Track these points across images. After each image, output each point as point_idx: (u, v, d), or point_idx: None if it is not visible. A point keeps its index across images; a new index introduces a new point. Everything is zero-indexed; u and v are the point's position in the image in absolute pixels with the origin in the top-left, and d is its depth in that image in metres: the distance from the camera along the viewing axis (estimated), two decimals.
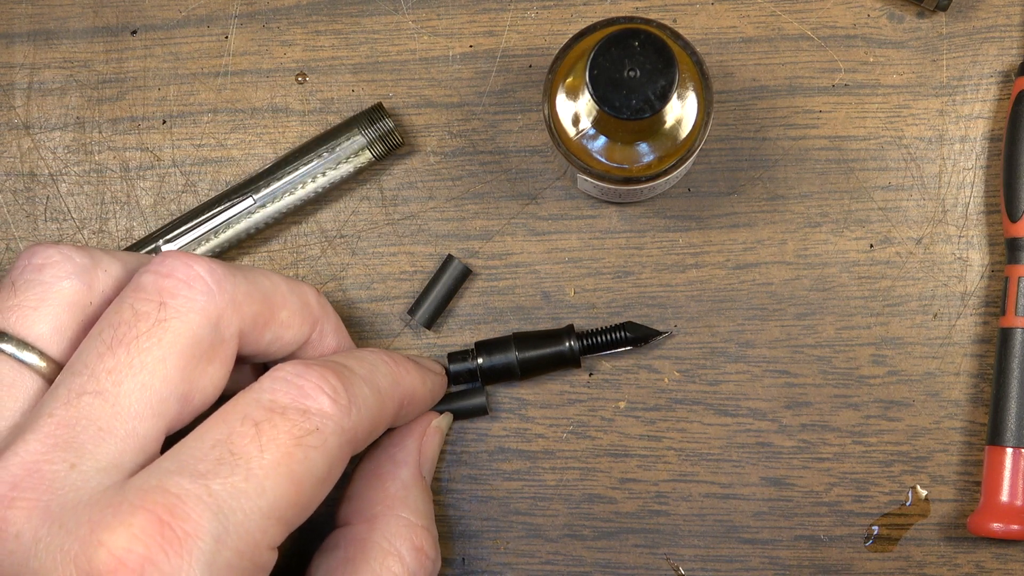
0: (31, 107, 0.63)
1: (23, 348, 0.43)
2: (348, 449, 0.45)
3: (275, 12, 0.62)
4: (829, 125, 0.61)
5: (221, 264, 0.45)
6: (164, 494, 0.39)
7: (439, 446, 0.56)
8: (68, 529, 0.38)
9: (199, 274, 0.44)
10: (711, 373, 0.61)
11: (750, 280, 0.61)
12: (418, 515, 0.51)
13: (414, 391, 0.52)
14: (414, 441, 0.54)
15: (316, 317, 0.50)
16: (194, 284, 0.43)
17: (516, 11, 0.61)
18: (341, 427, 0.44)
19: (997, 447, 0.58)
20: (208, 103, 0.62)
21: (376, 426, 0.48)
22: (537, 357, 0.59)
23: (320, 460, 0.42)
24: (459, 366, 0.60)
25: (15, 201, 0.63)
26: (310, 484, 0.42)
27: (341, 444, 0.44)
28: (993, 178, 0.60)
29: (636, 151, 0.53)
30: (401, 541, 0.50)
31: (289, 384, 0.44)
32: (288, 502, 0.41)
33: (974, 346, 0.60)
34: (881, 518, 0.60)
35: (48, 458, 0.39)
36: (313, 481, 0.42)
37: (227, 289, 0.44)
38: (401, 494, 0.52)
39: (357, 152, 0.60)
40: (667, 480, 0.61)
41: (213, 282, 0.44)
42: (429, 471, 0.55)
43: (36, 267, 0.44)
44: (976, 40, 0.61)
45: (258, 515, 0.40)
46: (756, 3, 0.61)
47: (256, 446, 0.41)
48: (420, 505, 0.52)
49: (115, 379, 0.41)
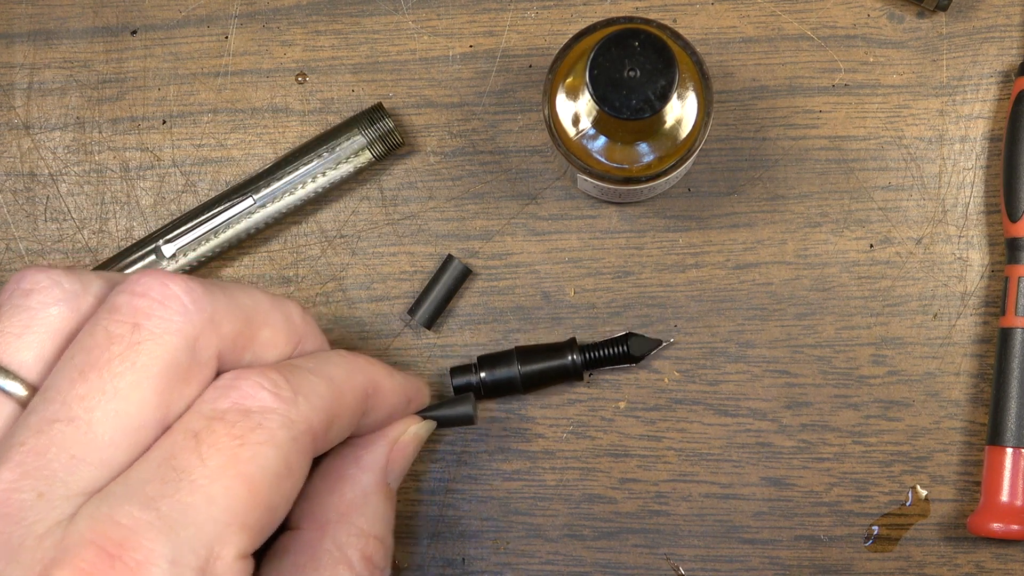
0: (31, 107, 0.63)
1: (4, 375, 0.42)
2: (306, 441, 0.42)
3: (275, 12, 0.62)
4: (829, 125, 0.61)
5: (199, 281, 0.43)
6: (113, 526, 0.37)
7: (413, 455, 0.53)
8: (23, 564, 0.37)
9: (175, 293, 0.42)
10: (711, 373, 0.61)
11: (750, 280, 0.61)
12: (374, 524, 0.49)
13: (378, 382, 0.48)
14: (383, 446, 0.51)
15: (299, 335, 0.47)
16: (170, 304, 0.41)
17: (516, 11, 0.61)
18: (288, 419, 0.42)
19: (997, 447, 0.58)
20: (208, 103, 0.62)
21: (335, 416, 0.45)
22: (540, 371, 0.59)
23: (272, 455, 0.40)
24: (461, 380, 0.60)
25: (15, 201, 0.63)
26: (266, 482, 0.40)
27: (294, 436, 0.42)
28: (993, 178, 0.60)
29: (636, 151, 0.53)
30: (353, 550, 0.47)
31: (228, 389, 0.42)
32: (245, 505, 0.39)
33: (974, 346, 0.60)
34: (881, 518, 0.60)
35: (16, 487, 0.38)
36: (269, 478, 0.40)
37: (205, 308, 0.42)
38: (359, 501, 0.49)
39: (357, 152, 0.60)
40: (667, 480, 0.61)
41: (190, 301, 0.42)
42: (396, 479, 0.52)
43: (24, 292, 0.43)
44: (976, 40, 0.61)
45: (212, 525, 0.38)
46: (756, 3, 0.61)
47: (197, 457, 0.39)
48: (378, 514, 0.49)
49: (87, 406, 0.40)
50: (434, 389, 0.61)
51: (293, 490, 0.42)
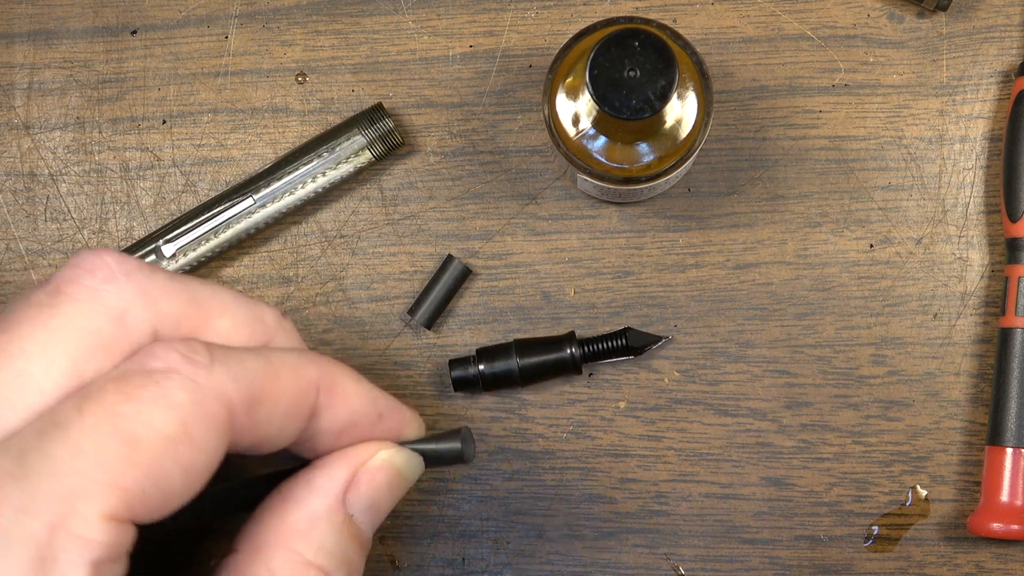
0: (31, 107, 0.63)
1: None
2: (215, 410, 0.38)
3: (275, 12, 0.62)
4: (829, 125, 0.61)
5: (139, 260, 0.41)
6: None
7: (388, 488, 0.44)
8: None
9: (106, 263, 0.39)
10: (711, 373, 0.61)
11: (750, 280, 0.61)
12: (319, 555, 0.41)
13: (335, 380, 0.42)
14: (343, 469, 0.43)
15: (269, 335, 0.43)
16: (97, 272, 0.39)
17: (516, 11, 0.61)
18: (195, 382, 0.38)
19: (997, 447, 0.58)
20: (208, 103, 0.62)
21: (264, 395, 0.40)
22: (538, 364, 0.59)
23: (162, 415, 0.37)
24: (460, 373, 0.60)
25: (15, 201, 0.63)
26: (150, 442, 0.36)
27: (197, 401, 0.38)
28: (993, 178, 0.60)
29: (636, 151, 0.53)
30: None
31: (142, 353, 0.39)
32: (120, 462, 0.36)
33: (974, 346, 0.60)
34: (881, 518, 0.60)
35: None
36: (155, 438, 0.36)
37: (137, 280, 0.40)
38: (303, 525, 0.42)
39: (357, 152, 0.60)
40: (667, 480, 0.61)
41: (121, 272, 0.39)
42: (364, 512, 0.43)
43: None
44: (976, 40, 0.61)
45: (76, 478, 0.35)
46: (756, 3, 0.61)
47: (77, 412, 0.37)
48: (327, 545, 0.42)
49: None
50: (429, 406, 0.61)
51: (195, 463, 0.38)
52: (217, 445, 0.39)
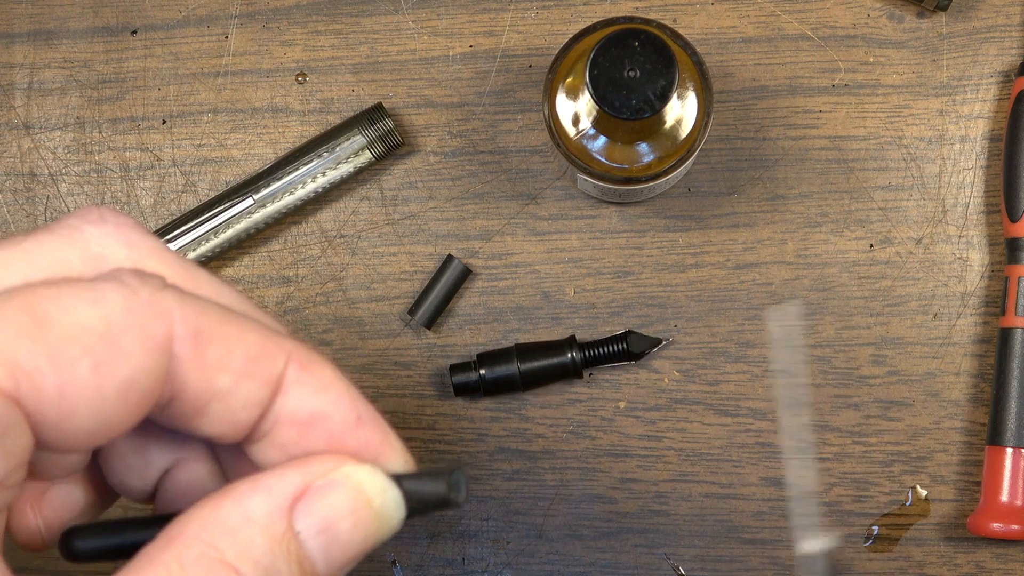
0: (31, 107, 0.63)
1: None
2: (152, 324, 0.34)
3: (275, 12, 0.62)
4: (829, 125, 0.61)
5: (141, 225, 0.37)
6: None
7: (350, 513, 0.35)
8: None
9: (101, 212, 0.36)
10: (711, 373, 0.61)
11: (750, 280, 0.61)
12: (242, 561, 0.34)
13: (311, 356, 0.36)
14: (298, 475, 0.35)
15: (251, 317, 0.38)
16: (88, 216, 0.36)
17: (516, 11, 0.61)
18: (134, 292, 0.34)
19: (997, 447, 0.58)
20: (208, 103, 0.62)
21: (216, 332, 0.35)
22: (539, 368, 0.59)
23: (85, 307, 0.33)
24: (461, 378, 0.60)
25: (15, 201, 0.63)
26: (61, 325, 0.32)
27: (131, 308, 0.33)
28: (993, 178, 0.60)
29: (636, 151, 0.53)
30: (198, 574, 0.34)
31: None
32: (17, 331, 0.32)
33: (974, 346, 0.60)
34: (881, 518, 0.60)
35: None
36: (68, 323, 0.32)
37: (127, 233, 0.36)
38: (232, 524, 0.35)
39: (357, 152, 0.60)
40: (667, 480, 0.61)
41: (113, 222, 0.36)
42: (315, 536, 0.35)
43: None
44: (976, 40, 0.61)
45: None
46: (756, 3, 0.61)
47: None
48: (254, 553, 0.34)
49: None
50: (429, 406, 0.61)
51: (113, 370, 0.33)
52: (147, 364, 0.33)
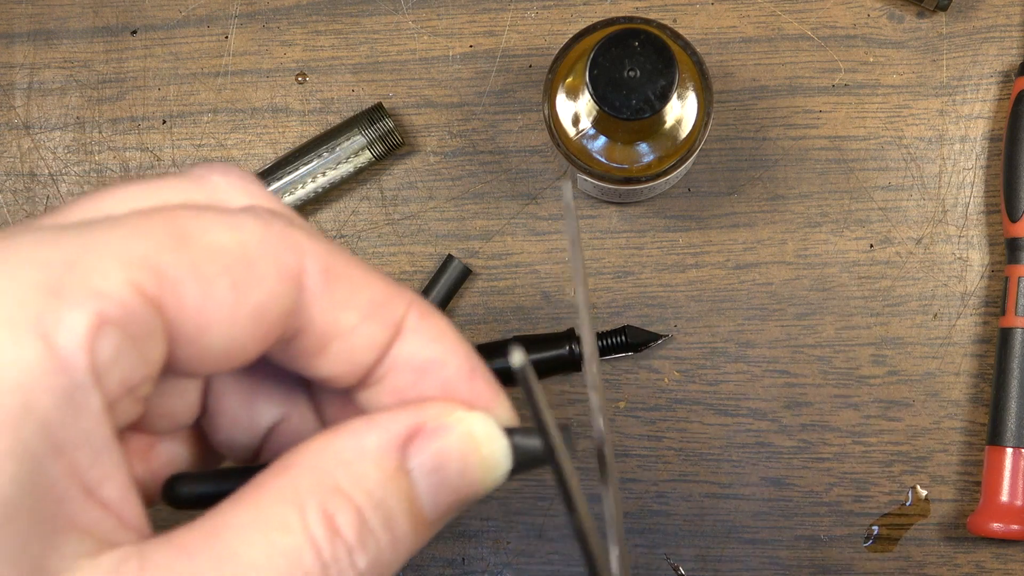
0: (31, 107, 0.63)
1: None
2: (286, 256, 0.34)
3: (275, 12, 0.62)
4: (829, 125, 0.61)
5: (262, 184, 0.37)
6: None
7: (460, 459, 0.36)
8: None
9: (228, 166, 0.36)
10: (711, 373, 0.61)
11: (750, 280, 0.61)
12: (356, 491, 0.34)
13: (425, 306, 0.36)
14: (412, 416, 0.35)
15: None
16: (215, 167, 0.36)
17: (516, 11, 0.61)
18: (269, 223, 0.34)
19: (997, 447, 0.58)
20: (208, 103, 0.62)
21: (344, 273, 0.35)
22: (538, 361, 0.59)
23: (224, 230, 0.33)
24: None
25: (15, 201, 0.63)
26: (201, 243, 0.32)
27: (267, 237, 0.33)
28: (993, 178, 0.60)
29: (636, 151, 0.53)
30: (311, 499, 0.33)
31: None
32: (159, 244, 0.32)
33: (974, 346, 0.60)
34: (881, 518, 0.60)
35: None
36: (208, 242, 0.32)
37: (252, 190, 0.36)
38: (346, 456, 0.34)
39: (357, 152, 0.60)
40: (667, 480, 0.61)
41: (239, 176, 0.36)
42: (426, 475, 0.35)
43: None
44: (976, 40, 0.61)
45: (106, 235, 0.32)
46: (756, 3, 0.61)
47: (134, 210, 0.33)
48: (368, 484, 0.34)
49: None
50: None
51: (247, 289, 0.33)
52: (279, 290, 0.33)
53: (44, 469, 0.30)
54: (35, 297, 0.30)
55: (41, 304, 0.30)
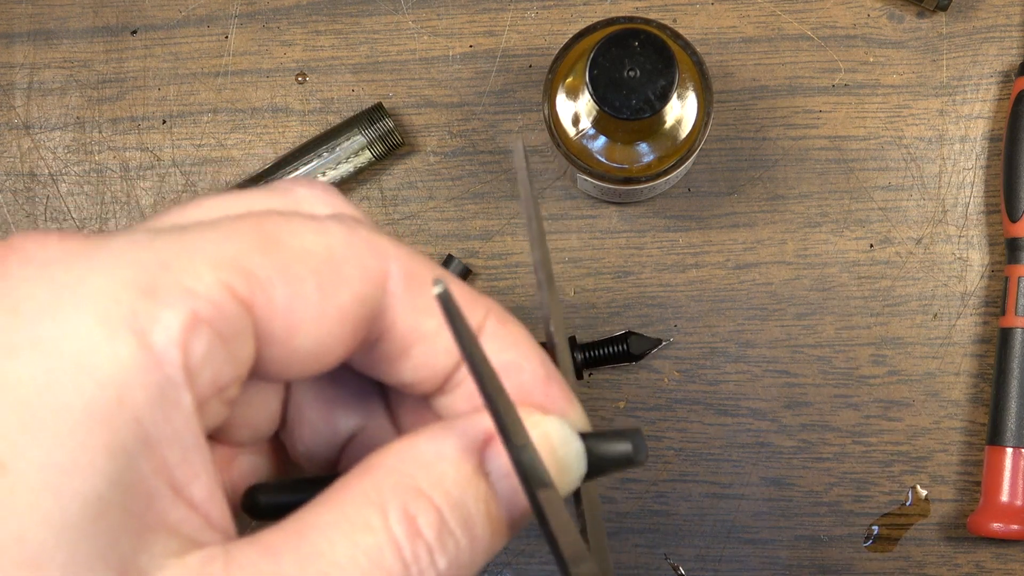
0: (31, 107, 0.63)
1: None
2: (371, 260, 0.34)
3: (275, 12, 0.62)
4: (829, 125, 0.61)
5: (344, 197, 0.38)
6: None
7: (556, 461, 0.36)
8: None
9: (313, 181, 0.37)
10: (711, 373, 0.61)
11: (750, 280, 0.61)
12: (437, 492, 0.34)
13: (502, 313, 0.37)
14: (485, 421, 0.36)
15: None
16: (300, 180, 0.37)
17: (516, 11, 0.61)
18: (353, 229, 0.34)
19: (997, 447, 0.58)
20: (208, 103, 0.62)
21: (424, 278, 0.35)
22: None
23: (311, 234, 0.34)
24: None
25: (15, 201, 0.63)
26: (289, 246, 0.33)
27: (352, 242, 0.34)
28: (993, 178, 0.60)
29: (636, 151, 0.53)
30: (394, 499, 0.34)
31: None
32: (250, 246, 0.33)
33: (974, 346, 0.60)
34: (881, 518, 0.60)
35: None
36: (295, 245, 0.33)
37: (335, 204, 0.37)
38: (427, 459, 0.35)
39: (357, 152, 0.60)
40: (667, 480, 0.61)
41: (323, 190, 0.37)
42: (503, 479, 0.35)
43: None
44: (976, 40, 0.61)
45: (199, 239, 0.33)
46: (756, 3, 0.61)
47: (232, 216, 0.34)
48: (447, 486, 0.34)
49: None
50: None
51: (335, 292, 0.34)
52: (365, 293, 0.34)
53: (136, 465, 0.30)
54: (130, 296, 0.31)
55: (136, 302, 0.31)
